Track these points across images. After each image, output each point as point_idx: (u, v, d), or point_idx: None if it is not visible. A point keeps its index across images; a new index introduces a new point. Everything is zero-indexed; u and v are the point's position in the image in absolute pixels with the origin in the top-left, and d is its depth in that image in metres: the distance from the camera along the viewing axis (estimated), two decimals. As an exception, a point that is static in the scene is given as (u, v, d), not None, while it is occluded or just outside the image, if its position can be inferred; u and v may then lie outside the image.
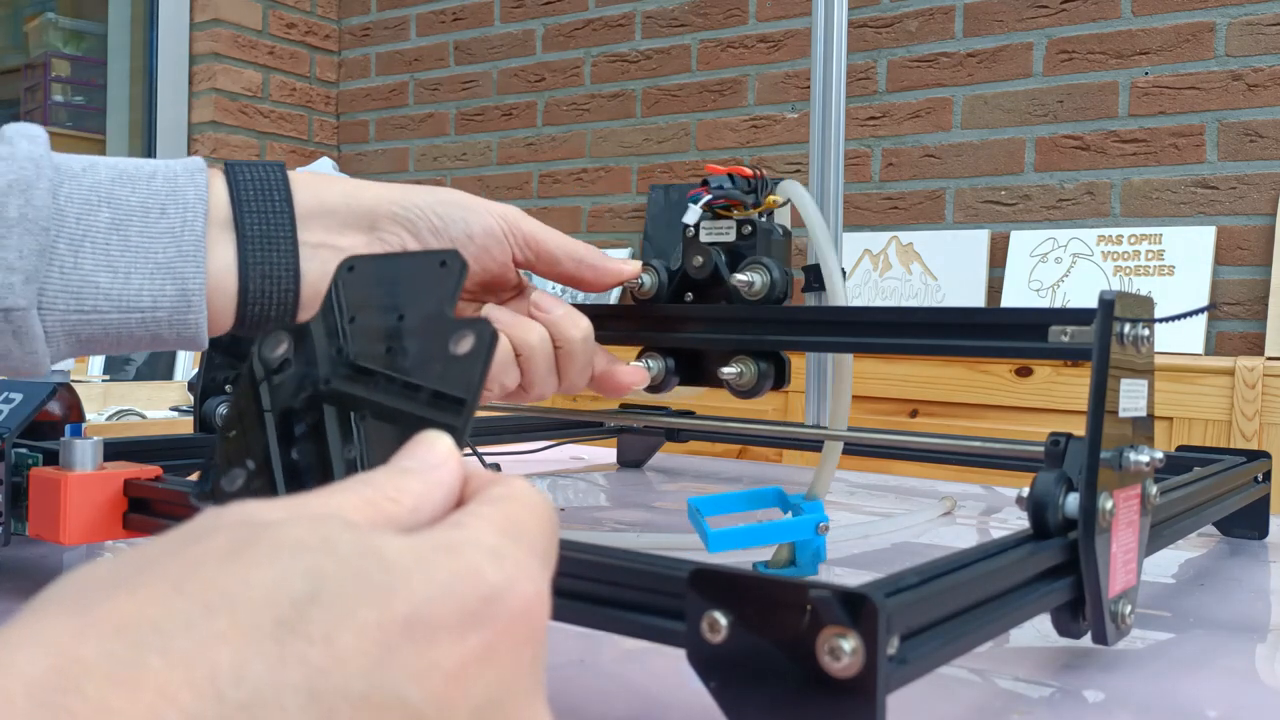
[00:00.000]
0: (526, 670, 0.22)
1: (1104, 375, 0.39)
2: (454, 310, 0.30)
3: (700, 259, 0.60)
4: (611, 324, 0.60)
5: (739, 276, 0.57)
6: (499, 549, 0.23)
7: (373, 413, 0.30)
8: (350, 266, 0.33)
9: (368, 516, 0.23)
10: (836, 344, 0.53)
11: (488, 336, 0.29)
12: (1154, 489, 0.44)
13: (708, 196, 0.59)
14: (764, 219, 0.61)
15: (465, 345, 0.29)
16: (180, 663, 0.18)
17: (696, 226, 0.61)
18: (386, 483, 0.25)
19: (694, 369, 0.61)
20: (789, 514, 0.55)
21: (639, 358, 0.61)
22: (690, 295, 0.61)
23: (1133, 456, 0.41)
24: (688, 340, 0.59)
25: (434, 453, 0.26)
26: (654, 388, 0.62)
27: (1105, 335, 0.39)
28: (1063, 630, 0.40)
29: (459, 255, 0.31)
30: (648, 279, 0.61)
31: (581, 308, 0.55)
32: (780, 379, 0.59)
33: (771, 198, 0.60)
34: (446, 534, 0.23)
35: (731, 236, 0.60)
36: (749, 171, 0.60)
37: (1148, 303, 0.42)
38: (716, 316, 0.58)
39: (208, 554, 0.20)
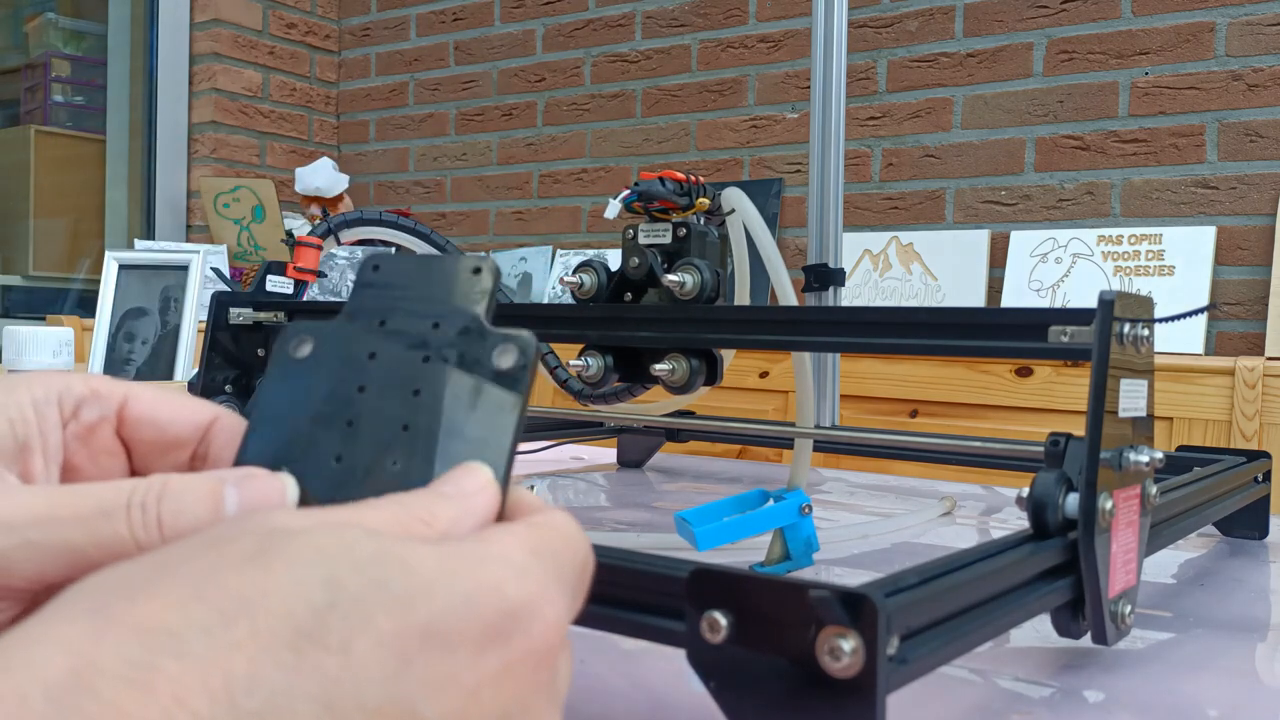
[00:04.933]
0: (543, 690, 0.22)
1: (1104, 375, 0.39)
2: (491, 320, 0.29)
3: (637, 260, 0.62)
4: (552, 324, 0.62)
5: (670, 277, 0.60)
6: (524, 566, 0.23)
7: (418, 421, 0.28)
8: (375, 265, 0.31)
9: (395, 533, 0.23)
10: (836, 344, 0.53)
11: (531, 351, 0.28)
12: (1154, 489, 0.44)
13: (626, 192, 0.62)
14: (700, 222, 0.63)
15: (508, 359, 0.28)
16: (196, 668, 0.18)
17: (635, 229, 0.63)
18: (420, 505, 0.25)
19: (632, 366, 0.63)
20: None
21: (579, 355, 0.63)
22: (629, 295, 0.63)
23: (1133, 456, 0.41)
24: (626, 339, 0.61)
25: (472, 480, 0.26)
26: (596, 384, 0.64)
27: (1105, 335, 0.39)
28: (1063, 630, 0.40)
29: (493, 261, 0.30)
30: (587, 279, 0.63)
31: (526, 307, 0.56)
32: (712, 376, 0.61)
33: (701, 200, 0.62)
34: (472, 546, 0.23)
35: (667, 239, 0.62)
36: (681, 176, 0.62)
37: (1147, 303, 0.42)
38: (651, 316, 0.59)
39: (228, 560, 0.20)
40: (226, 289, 0.73)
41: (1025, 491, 0.40)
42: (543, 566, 0.23)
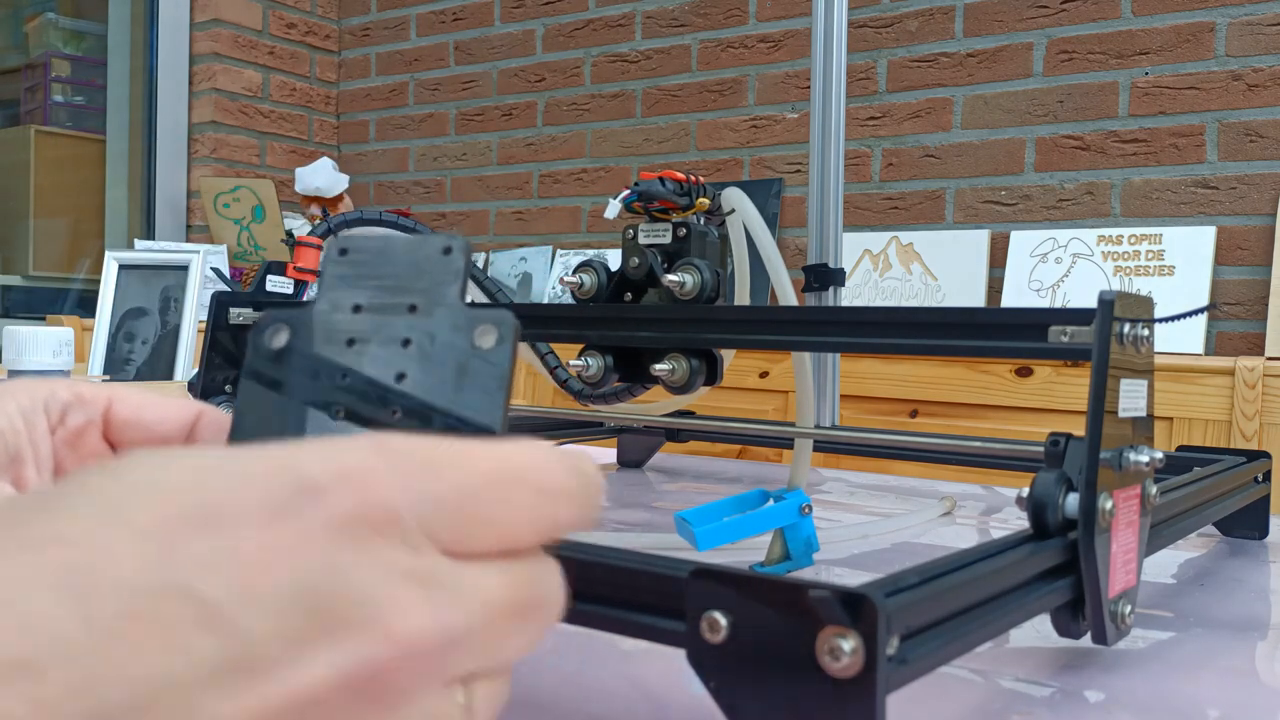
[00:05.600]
0: (370, 558, 0.20)
1: (1104, 375, 0.39)
2: (465, 299, 0.29)
3: (637, 260, 0.62)
4: (552, 324, 0.62)
5: (670, 277, 0.60)
6: (336, 451, 0.20)
7: (404, 411, 0.28)
8: (343, 249, 0.30)
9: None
10: (836, 344, 0.53)
11: (510, 329, 0.28)
12: (1154, 489, 0.44)
13: (626, 192, 0.62)
14: (700, 221, 0.63)
15: (489, 339, 0.28)
16: None
17: (635, 229, 0.63)
18: None
19: (632, 366, 0.64)
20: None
21: (579, 355, 0.63)
22: (629, 295, 0.64)
23: (1133, 456, 0.41)
24: (626, 339, 0.61)
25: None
26: (596, 384, 0.65)
27: (1105, 335, 0.39)
28: (1063, 630, 0.40)
29: (464, 239, 0.30)
30: (587, 279, 0.63)
31: (528, 306, 0.57)
32: (712, 376, 0.61)
33: (701, 200, 0.62)
34: (283, 447, 0.21)
35: (667, 239, 0.63)
36: (681, 176, 0.62)
37: (1147, 303, 0.42)
38: (651, 316, 0.59)
39: (26, 505, 0.19)
40: (226, 289, 0.73)
41: (1025, 491, 0.40)
42: (374, 452, 0.21)
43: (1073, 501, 0.39)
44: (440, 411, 0.28)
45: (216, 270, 0.91)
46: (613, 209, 0.63)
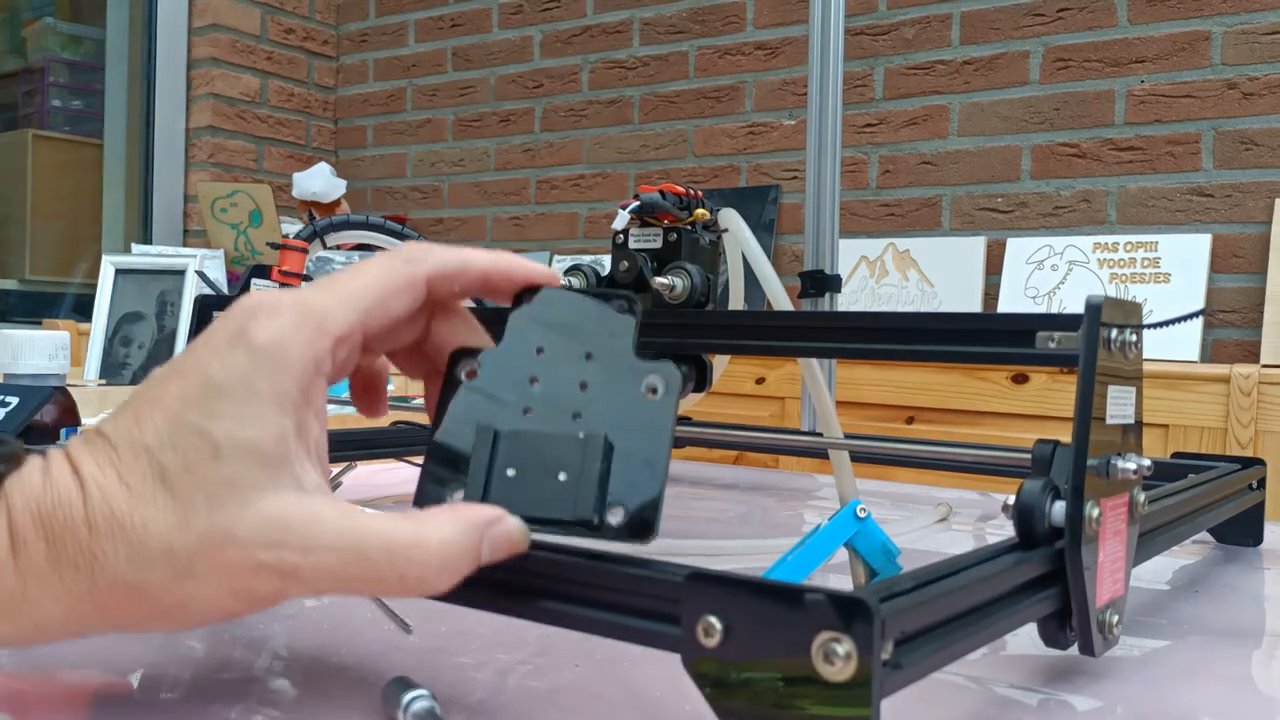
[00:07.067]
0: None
1: (1090, 381, 0.39)
2: (636, 353, 0.33)
3: (626, 264, 0.62)
4: None
5: (660, 280, 0.60)
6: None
7: (583, 442, 0.33)
8: (532, 296, 0.35)
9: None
10: (824, 349, 0.53)
11: (674, 380, 0.32)
12: (1142, 497, 0.43)
13: (634, 204, 0.62)
14: (692, 227, 0.63)
15: (655, 386, 0.33)
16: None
17: (625, 233, 0.64)
18: None
19: None
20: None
21: None
22: None
23: (1120, 464, 0.40)
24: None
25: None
26: None
27: (1092, 341, 0.39)
28: (1050, 640, 0.40)
29: (637, 299, 0.34)
30: (576, 283, 0.63)
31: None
32: (701, 382, 0.61)
33: (700, 210, 0.62)
34: None
35: (658, 243, 0.63)
36: (680, 189, 0.62)
37: (1136, 308, 0.42)
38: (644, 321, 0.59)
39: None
40: (223, 294, 0.73)
41: (1011, 499, 0.39)
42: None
43: (1059, 509, 0.38)
44: (615, 451, 0.32)
45: (201, 274, 0.91)
46: (621, 220, 0.63)
